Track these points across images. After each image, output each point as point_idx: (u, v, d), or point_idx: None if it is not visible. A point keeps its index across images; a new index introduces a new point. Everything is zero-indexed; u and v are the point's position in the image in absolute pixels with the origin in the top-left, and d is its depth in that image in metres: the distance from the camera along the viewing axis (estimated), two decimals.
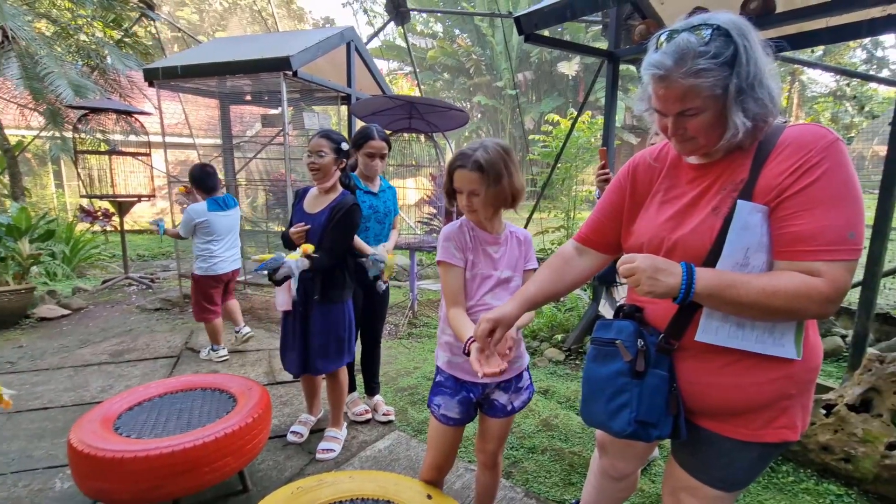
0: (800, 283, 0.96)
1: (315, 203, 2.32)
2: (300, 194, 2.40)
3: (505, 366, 1.18)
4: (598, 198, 2.45)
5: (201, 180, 3.56)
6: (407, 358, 3.79)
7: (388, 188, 2.76)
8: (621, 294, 2.37)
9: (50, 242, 5.66)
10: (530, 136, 8.72)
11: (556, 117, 7.23)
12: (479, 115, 24.52)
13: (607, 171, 2.35)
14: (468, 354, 1.23)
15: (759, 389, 1.06)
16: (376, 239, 2.67)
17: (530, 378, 1.66)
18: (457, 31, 24.06)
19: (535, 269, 1.55)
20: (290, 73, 4.25)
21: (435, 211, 7.31)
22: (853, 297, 3.59)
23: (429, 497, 1.60)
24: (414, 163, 5.83)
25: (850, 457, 2.11)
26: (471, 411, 1.60)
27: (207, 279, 3.55)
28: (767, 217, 1.01)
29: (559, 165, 6.63)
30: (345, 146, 2.27)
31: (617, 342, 1.14)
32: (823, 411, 2.28)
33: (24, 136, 8.77)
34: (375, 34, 9.22)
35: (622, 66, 3.85)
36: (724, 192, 1.07)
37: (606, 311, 3.63)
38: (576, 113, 5.80)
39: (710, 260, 1.05)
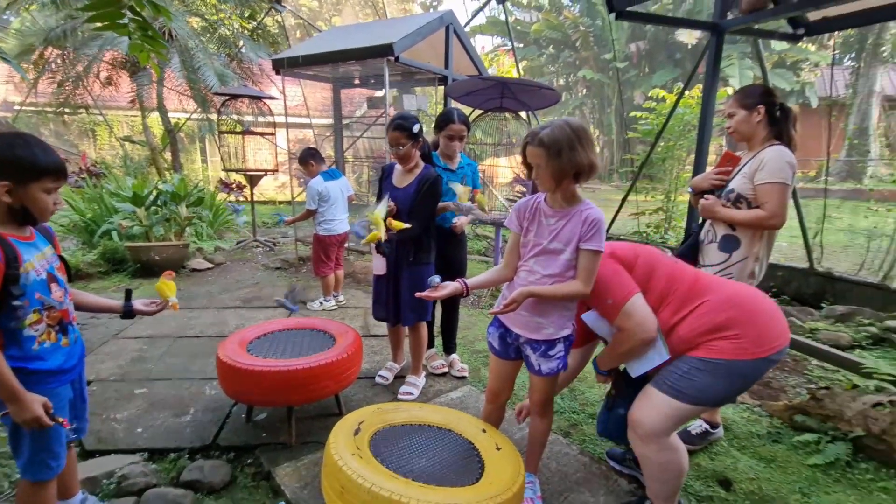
0: (617, 338, 1.76)
1: (402, 178, 2.66)
2: (387, 171, 2.74)
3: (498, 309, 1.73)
4: (692, 193, 2.36)
5: (314, 156, 4.32)
6: (485, 325, 4.06)
7: (468, 165, 3.00)
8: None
9: (199, 208, 6.80)
10: (632, 113, 8.31)
11: (662, 93, 6.85)
12: (585, 91, 23.47)
13: (726, 178, 2.19)
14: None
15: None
16: (453, 213, 2.93)
17: (565, 352, 1.80)
18: (565, 2, 23.06)
19: (591, 250, 1.61)
20: (393, 58, 4.63)
21: (525, 190, 7.40)
22: None
23: (483, 431, 1.88)
24: (514, 140, 5.96)
25: None
26: (509, 350, 1.87)
27: (329, 238, 4.25)
28: (597, 315, 1.82)
29: (661, 144, 6.33)
30: (416, 128, 2.50)
31: None
32: None
33: (179, 119, 10.44)
34: (476, 13, 9.36)
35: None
36: None
37: None
38: (682, 87, 5.49)
39: None
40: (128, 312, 1.72)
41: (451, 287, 1.82)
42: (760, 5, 3.08)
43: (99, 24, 1.63)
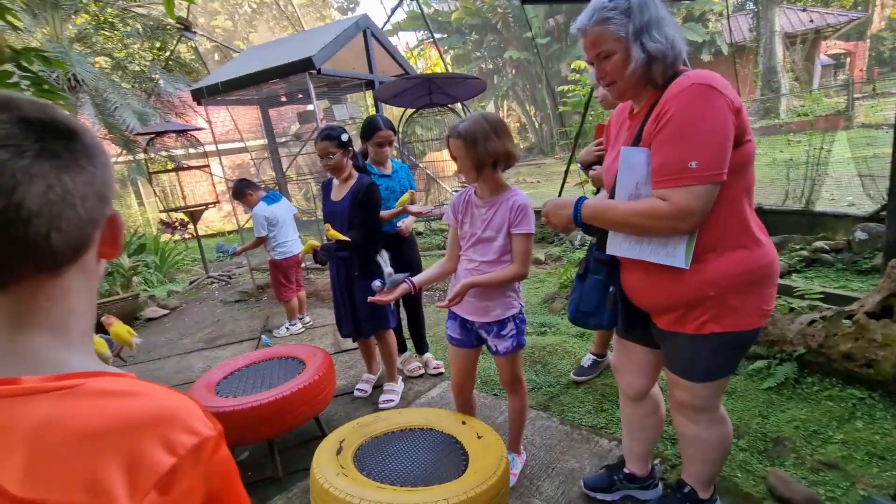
0: (648, 206, 1.21)
1: (338, 191, 2.66)
2: (326, 186, 2.75)
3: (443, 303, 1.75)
4: (581, 168, 2.41)
5: (248, 185, 4.21)
6: None
7: (401, 168, 3.04)
8: None
9: (143, 255, 6.53)
10: (560, 87, 8.55)
11: (582, 64, 7.06)
12: (514, 71, 23.82)
13: (601, 149, 2.20)
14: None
15: (674, 290, 1.30)
16: (397, 217, 2.95)
17: (517, 330, 1.87)
18: None
19: (523, 234, 1.72)
20: (315, 71, 4.58)
21: None
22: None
23: (463, 423, 1.94)
24: None
25: (871, 361, 2.20)
26: (471, 338, 1.93)
27: (286, 261, 4.19)
28: (649, 157, 1.22)
29: (591, 113, 6.52)
30: (345, 137, 2.54)
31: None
32: (846, 321, 2.35)
33: None
34: (394, 10, 9.32)
35: None
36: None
37: None
38: None
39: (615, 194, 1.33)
40: None
41: (400, 288, 1.87)
42: None
43: None
